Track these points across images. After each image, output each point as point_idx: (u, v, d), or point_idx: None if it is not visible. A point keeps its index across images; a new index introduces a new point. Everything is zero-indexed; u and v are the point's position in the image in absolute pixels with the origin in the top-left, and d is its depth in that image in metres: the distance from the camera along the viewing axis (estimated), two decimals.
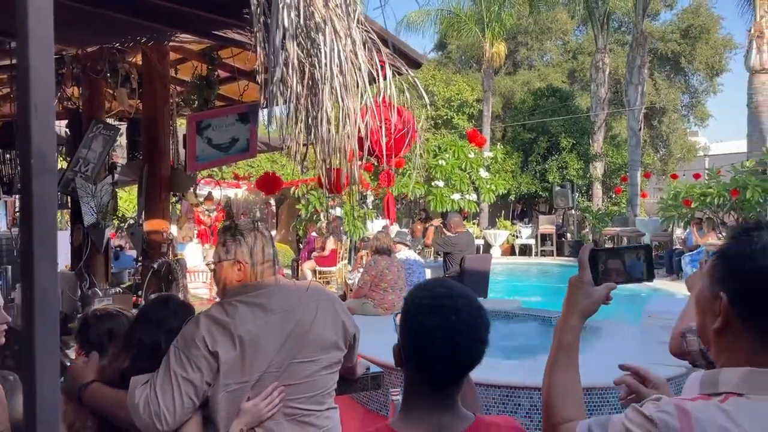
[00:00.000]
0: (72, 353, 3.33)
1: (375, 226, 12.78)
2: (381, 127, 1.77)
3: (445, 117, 20.36)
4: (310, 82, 1.67)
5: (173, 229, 4.20)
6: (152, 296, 3.50)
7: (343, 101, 1.55)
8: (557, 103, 18.98)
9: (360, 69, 1.55)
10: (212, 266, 2.11)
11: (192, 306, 2.25)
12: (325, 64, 1.50)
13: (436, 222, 9.93)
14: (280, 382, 1.91)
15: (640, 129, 16.98)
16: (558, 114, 18.27)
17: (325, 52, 1.48)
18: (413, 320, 1.28)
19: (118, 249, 8.37)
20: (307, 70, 1.63)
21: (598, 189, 18.40)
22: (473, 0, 19.74)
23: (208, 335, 1.83)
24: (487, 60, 19.66)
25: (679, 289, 10.38)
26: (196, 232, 11.75)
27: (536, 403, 4.24)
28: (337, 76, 1.54)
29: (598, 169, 18.27)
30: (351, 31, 1.52)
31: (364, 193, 13.98)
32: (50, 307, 0.66)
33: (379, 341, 5.38)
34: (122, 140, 4.92)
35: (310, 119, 1.70)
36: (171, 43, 3.45)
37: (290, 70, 1.45)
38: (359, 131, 1.73)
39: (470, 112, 21.14)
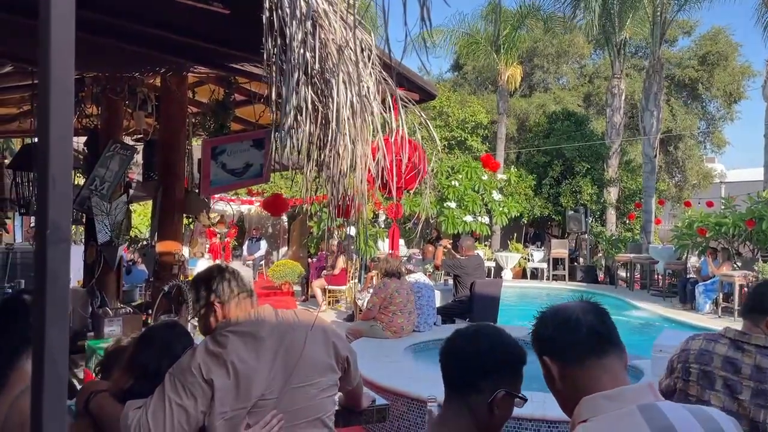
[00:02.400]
0: (80, 373, 3.36)
1: (386, 245, 12.78)
2: (392, 167, 1.79)
3: (459, 138, 20.40)
4: (324, 121, 1.70)
5: (185, 250, 4.23)
6: (162, 317, 3.53)
7: (354, 144, 1.57)
8: (572, 127, 18.95)
9: (372, 113, 1.58)
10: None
11: (191, 337, 2.29)
12: (337, 109, 1.52)
13: (445, 242, 9.92)
14: (281, 409, 1.94)
15: (655, 156, 16.88)
16: (573, 138, 18.23)
17: (338, 98, 1.50)
18: (446, 342, 1.67)
19: (131, 263, 8.43)
20: (320, 110, 1.65)
21: (611, 214, 18.27)
22: (491, 21, 19.84)
23: (203, 364, 1.88)
24: (502, 82, 19.74)
25: (692, 319, 10.27)
26: (207, 246, 11.83)
27: None
28: (348, 118, 1.56)
29: (612, 194, 18.16)
30: (364, 77, 1.55)
31: (376, 212, 14.01)
32: (59, 372, 0.67)
33: (386, 365, 5.40)
34: (139, 158, 4.99)
35: (322, 156, 1.73)
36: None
37: (303, 115, 1.48)
38: (369, 171, 1.76)
39: (484, 133, 21.17)
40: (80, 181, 5.01)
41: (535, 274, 16.43)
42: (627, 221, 17.97)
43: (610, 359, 1.31)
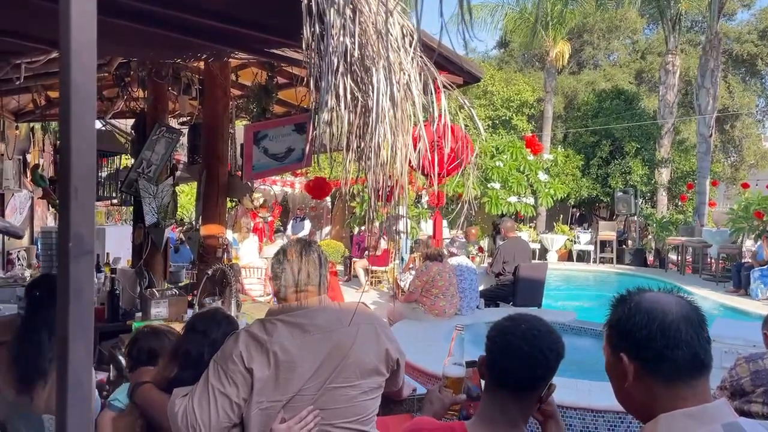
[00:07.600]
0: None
1: (429, 226, 12.71)
2: (434, 156, 1.73)
3: (503, 117, 20.01)
4: (363, 110, 1.64)
5: (229, 234, 4.28)
6: (207, 300, 3.58)
7: (394, 135, 1.51)
8: (622, 106, 18.33)
9: (413, 103, 1.52)
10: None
11: (236, 321, 2.30)
12: (377, 98, 1.47)
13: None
14: (318, 406, 1.90)
15: (710, 135, 16.16)
16: (623, 117, 17.64)
17: (378, 87, 1.44)
18: (499, 340, 1.55)
19: (179, 242, 8.60)
20: (359, 99, 1.60)
21: (663, 196, 17.67)
22: None
23: (245, 351, 1.85)
24: (550, 59, 19.20)
25: (746, 305, 9.91)
26: (251, 225, 11.99)
27: (588, 426, 4.11)
28: (389, 110, 1.50)
29: (663, 175, 17.54)
30: (405, 65, 1.48)
31: (419, 193, 13.91)
32: (83, 386, 0.65)
33: (426, 349, 5.36)
34: (184, 140, 5.05)
35: (362, 145, 1.68)
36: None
37: (342, 105, 1.43)
38: (410, 162, 1.70)
39: (530, 112, 20.72)
40: (128, 163, 5.10)
41: (582, 257, 16.07)
42: (679, 203, 17.37)
43: (701, 381, 1.19)
